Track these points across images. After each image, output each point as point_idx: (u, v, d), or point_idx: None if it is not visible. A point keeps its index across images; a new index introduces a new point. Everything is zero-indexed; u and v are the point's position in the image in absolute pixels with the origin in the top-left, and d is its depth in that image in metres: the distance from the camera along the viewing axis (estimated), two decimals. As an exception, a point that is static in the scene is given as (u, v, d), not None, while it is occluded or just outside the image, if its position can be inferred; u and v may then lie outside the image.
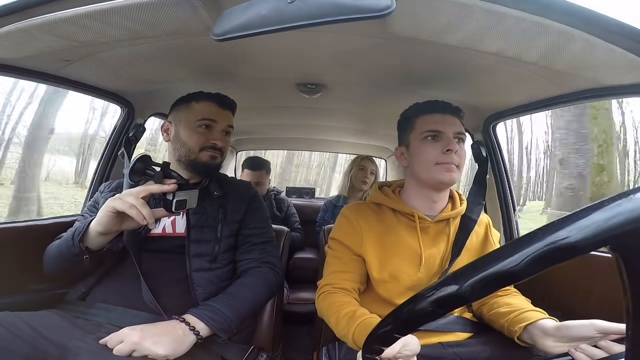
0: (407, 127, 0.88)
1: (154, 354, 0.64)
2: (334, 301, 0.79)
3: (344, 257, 0.86)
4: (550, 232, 0.28)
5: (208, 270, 0.86)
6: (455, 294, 0.31)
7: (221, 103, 0.95)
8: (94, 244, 0.76)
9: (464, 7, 0.58)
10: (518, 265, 0.28)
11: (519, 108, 1.09)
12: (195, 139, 0.91)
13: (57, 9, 0.62)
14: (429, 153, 0.82)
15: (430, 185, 0.84)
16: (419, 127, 0.85)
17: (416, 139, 0.85)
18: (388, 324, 0.38)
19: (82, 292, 0.84)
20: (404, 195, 0.90)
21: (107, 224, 0.73)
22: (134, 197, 0.71)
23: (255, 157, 2.18)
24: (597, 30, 0.57)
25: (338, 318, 0.75)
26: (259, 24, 0.45)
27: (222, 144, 0.93)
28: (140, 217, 0.70)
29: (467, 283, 0.31)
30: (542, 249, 0.28)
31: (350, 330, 0.70)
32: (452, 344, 0.80)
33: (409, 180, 0.90)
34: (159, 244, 0.88)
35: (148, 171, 0.76)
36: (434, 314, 0.33)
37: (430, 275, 0.84)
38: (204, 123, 0.92)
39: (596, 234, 0.26)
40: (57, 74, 0.96)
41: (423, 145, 0.83)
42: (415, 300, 0.34)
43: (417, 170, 0.85)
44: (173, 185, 0.74)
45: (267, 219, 1.03)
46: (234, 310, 0.78)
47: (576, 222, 0.27)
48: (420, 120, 0.85)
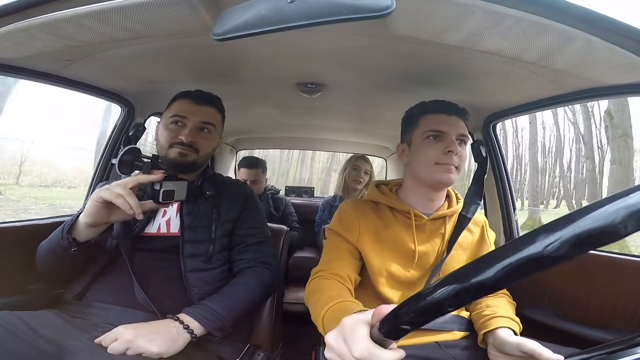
0: (411, 125, 0.88)
1: (148, 351, 0.65)
2: (323, 284, 0.76)
3: (340, 246, 0.85)
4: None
5: (203, 271, 0.86)
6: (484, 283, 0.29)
7: (196, 99, 0.92)
8: (83, 236, 0.76)
9: (464, 7, 0.58)
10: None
11: (519, 108, 1.09)
12: (165, 135, 0.90)
13: (57, 9, 0.62)
14: (429, 152, 0.82)
15: (428, 184, 0.85)
16: (423, 126, 0.85)
17: (419, 137, 0.85)
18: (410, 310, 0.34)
19: (78, 292, 0.84)
20: (401, 193, 0.91)
21: (96, 214, 0.73)
22: (122, 187, 0.71)
23: (251, 156, 2.19)
24: (597, 30, 0.57)
25: (320, 298, 0.69)
26: (259, 23, 0.45)
27: (189, 139, 0.88)
28: (127, 206, 0.70)
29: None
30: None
31: (325, 308, 0.64)
32: (448, 343, 0.80)
33: (408, 177, 0.91)
34: (152, 244, 0.88)
35: (136, 162, 0.77)
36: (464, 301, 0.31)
37: (422, 272, 0.85)
38: (174, 120, 0.90)
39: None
40: (58, 73, 0.97)
41: (425, 144, 0.83)
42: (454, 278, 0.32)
43: (417, 169, 0.85)
44: (160, 175, 0.75)
45: (262, 218, 1.02)
46: (228, 309, 0.78)
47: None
48: (425, 119, 0.85)
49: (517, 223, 1.24)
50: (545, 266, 0.27)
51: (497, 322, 0.76)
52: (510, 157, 14.67)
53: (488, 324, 0.77)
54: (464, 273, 0.31)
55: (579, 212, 0.27)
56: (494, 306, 0.82)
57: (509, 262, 0.28)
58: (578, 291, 0.94)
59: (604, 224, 0.25)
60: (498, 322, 0.76)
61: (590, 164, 11.93)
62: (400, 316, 0.34)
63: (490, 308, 0.81)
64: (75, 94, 1.09)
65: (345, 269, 0.81)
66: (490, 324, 0.76)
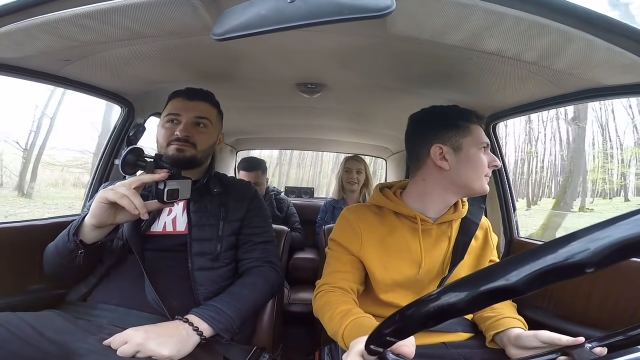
0: (460, 130, 0.83)
1: (159, 355, 0.64)
2: (330, 299, 0.79)
3: (343, 257, 0.86)
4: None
5: (210, 269, 0.86)
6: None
7: (188, 96, 0.93)
8: (89, 238, 0.76)
9: (464, 7, 0.58)
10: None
11: (519, 108, 1.09)
12: (162, 134, 0.91)
13: (57, 9, 0.62)
14: (484, 164, 0.82)
15: (471, 192, 0.84)
16: (477, 136, 0.83)
17: (473, 146, 0.82)
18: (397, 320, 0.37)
19: (84, 293, 0.83)
20: (406, 197, 0.89)
21: (101, 215, 0.72)
22: (126, 187, 0.71)
23: (250, 158, 2.16)
24: (597, 30, 0.57)
25: (332, 315, 0.74)
26: (259, 23, 0.45)
27: (184, 134, 0.89)
28: (132, 206, 0.69)
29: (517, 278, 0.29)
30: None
31: (342, 326, 0.69)
32: (455, 344, 0.81)
33: (433, 183, 0.85)
34: (159, 243, 0.88)
35: (140, 162, 0.76)
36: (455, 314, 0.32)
37: (430, 276, 0.85)
38: (170, 118, 0.92)
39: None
40: (57, 73, 0.97)
41: (480, 155, 0.82)
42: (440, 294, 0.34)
43: (467, 177, 0.82)
44: (164, 174, 0.74)
45: (268, 218, 1.02)
46: (236, 310, 0.78)
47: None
48: (477, 129, 0.84)
49: (517, 223, 1.24)
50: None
51: (508, 322, 0.77)
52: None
53: (497, 324, 0.78)
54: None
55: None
56: (498, 308, 0.82)
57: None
58: (578, 291, 0.94)
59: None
60: (509, 322, 0.77)
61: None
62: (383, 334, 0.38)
63: (495, 310, 0.82)
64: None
65: (348, 281, 0.83)
66: (500, 325, 0.77)
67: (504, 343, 0.76)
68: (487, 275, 0.30)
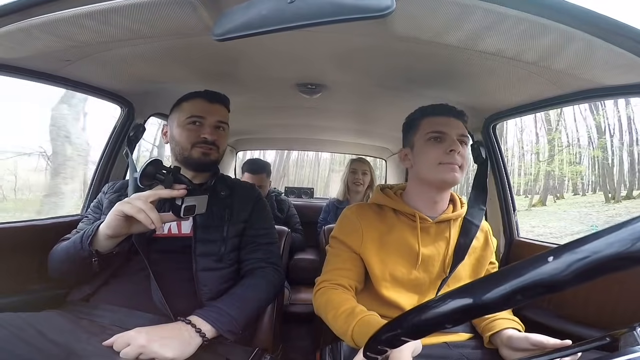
0: (412, 129, 0.90)
1: (162, 357, 0.63)
2: (332, 297, 0.79)
3: (344, 254, 0.87)
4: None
5: (214, 270, 0.87)
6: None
7: (210, 98, 0.94)
8: (103, 247, 0.76)
9: (464, 7, 0.58)
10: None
11: (519, 108, 1.09)
12: (186, 135, 0.91)
13: (57, 9, 0.62)
14: (432, 153, 0.83)
15: (434, 184, 0.86)
16: (424, 128, 0.86)
17: (420, 139, 0.87)
18: (395, 328, 0.38)
19: (87, 294, 0.83)
20: (405, 197, 0.92)
21: (116, 227, 0.73)
22: (143, 201, 0.71)
23: (256, 160, 2.16)
24: (597, 30, 0.57)
25: (336, 315, 0.75)
26: (259, 24, 0.45)
27: (213, 138, 0.91)
28: (148, 221, 0.70)
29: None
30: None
31: (350, 327, 0.70)
32: (457, 344, 0.82)
33: (412, 181, 0.92)
34: (164, 245, 0.88)
35: (158, 175, 0.76)
36: (450, 323, 0.33)
37: (431, 276, 0.85)
38: (193, 120, 0.92)
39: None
40: (57, 74, 0.96)
41: (427, 146, 0.85)
42: (428, 307, 0.35)
43: (421, 170, 0.86)
44: (182, 191, 0.74)
45: (271, 219, 1.03)
46: (239, 311, 0.78)
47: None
48: (425, 121, 0.87)
49: (517, 224, 1.24)
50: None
51: (503, 323, 0.78)
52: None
53: (493, 325, 0.79)
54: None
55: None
56: None
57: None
58: (578, 291, 0.94)
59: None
60: (503, 323, 0.78)
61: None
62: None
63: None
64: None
65: (348, 278, 0.84)
66: (495, 326, 0.78)
67: (498, 344, 0.77)
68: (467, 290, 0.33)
